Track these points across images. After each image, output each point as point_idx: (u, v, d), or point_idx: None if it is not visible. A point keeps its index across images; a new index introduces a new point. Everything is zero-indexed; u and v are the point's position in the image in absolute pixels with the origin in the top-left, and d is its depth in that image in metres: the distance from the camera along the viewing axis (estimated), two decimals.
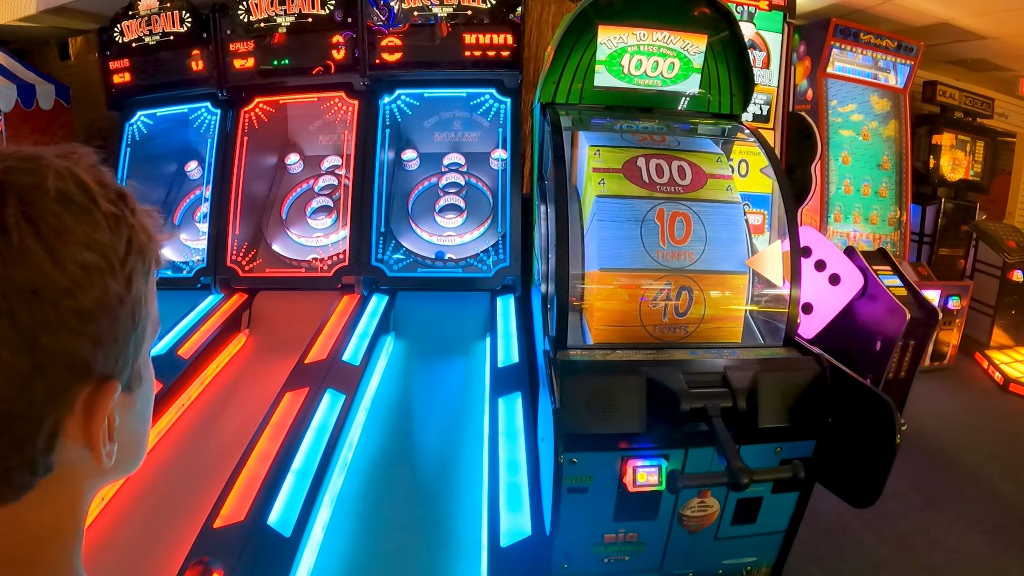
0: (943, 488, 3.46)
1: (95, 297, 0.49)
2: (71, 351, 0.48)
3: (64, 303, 0.47)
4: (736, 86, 2.61)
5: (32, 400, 0.47)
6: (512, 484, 2.04)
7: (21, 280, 0.44)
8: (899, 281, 3.66)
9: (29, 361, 0.45)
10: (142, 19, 3.83)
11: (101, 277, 0.49)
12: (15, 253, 0.44)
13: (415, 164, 3.66)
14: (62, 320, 0.47)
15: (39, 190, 0.47)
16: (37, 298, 0.45)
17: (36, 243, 0.45)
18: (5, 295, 0.44)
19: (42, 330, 0.45)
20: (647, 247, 2.15)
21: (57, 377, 0.48)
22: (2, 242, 0.44)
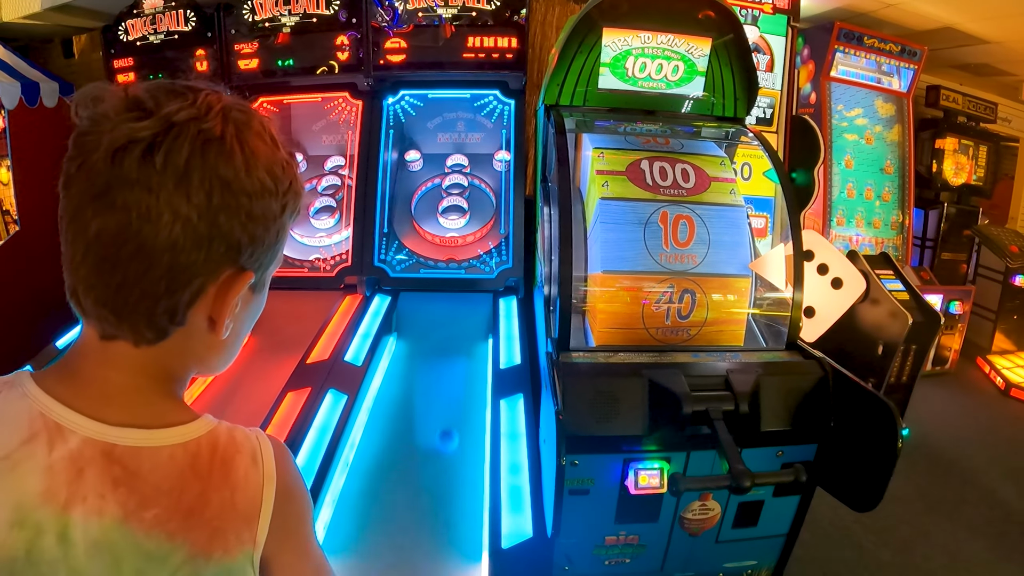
0: (944, 493, 3.46)
1: (262, 206, 0.68)
2: (234, 236, 0.66)
3: (242, 200, 0.65)
4: (740, 89, 2.61)
5: (197, 259, 0.64)
6: (514, 486, 2.04)
7: (223, 173, 0.63)
8: (901, 285, 3.66)
9: (207, 229, 0.63)
10: (147, 18, 3.84)
11: (269, 196, 0.68)
12: (225, 154, 0.63)
13: (418, 165, 3.66)
14: (237, 212, 0.65)
15: (247, 124, 0.67)
16: (228, 189, 0.64)
17: (240, 153, 0.65)
18: (210, 179, 0.62)
19: (222, 211, 0.64)
20: (650, 250, 2.15)
21: (218, 249, 0.65)
22: (220, 145, 0.63)
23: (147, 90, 0.63)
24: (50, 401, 0.64)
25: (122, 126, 0.60)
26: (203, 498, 0.65)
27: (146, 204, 0.60)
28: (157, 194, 0.60)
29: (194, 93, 0.65)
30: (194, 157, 0.61)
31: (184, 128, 0.61)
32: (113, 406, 0.66)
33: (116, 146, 0.59)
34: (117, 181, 0.60)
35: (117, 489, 0.62)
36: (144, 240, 0.61)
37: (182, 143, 0.60)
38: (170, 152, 0.60)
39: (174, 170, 0.60)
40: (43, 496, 0.60)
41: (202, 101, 0.64)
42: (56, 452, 0.62)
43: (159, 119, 0.60)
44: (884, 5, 4.48)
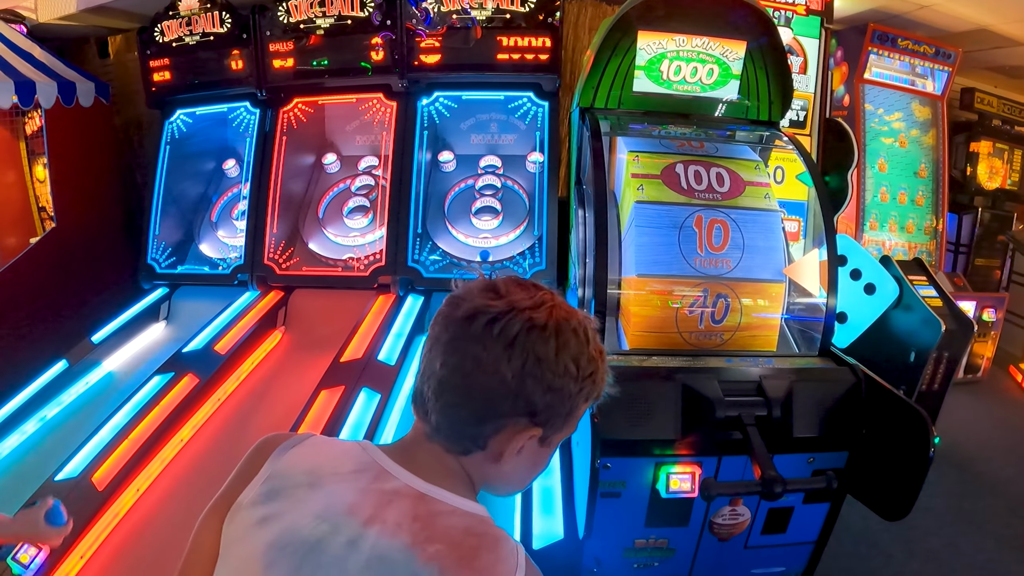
0: (974, 503, 3.41)
1: (561, 383, 0.82)
2: (534, 398, 0.81)
3: (547, 375, 0.81)
4: (775, 93, 2.60)
5: (503, 406, 0.82)
6: (545, 487, 2.06)
7: (538, 351, 0.79)
8: (934, 292, 3.60)
9: (516, 387, 0.80)
10: (182, 19, 3.89)
11: (570, 378, 0.83)
12: (543, 339, 0.80)
13: (452, 166, 3.69)
14: (541, 381, 0.80)
15: (567, 322, 0.83)
16: (538, 363, 0.80)
17: (554, 341, 0.81)
18: (527, 353, 0.79)
19: (530, 377, 0.80)
20: (685, 254, 2.15)
21: (520, 404, 0.82)
22: (541, 331, 0.80)
23: (503, 279, 0.87)
24: (383, 456, 0.87)
25: (478, 301, 0.82)
26: (475, 553, 0.78)
27: (479, 356, 0.80)
28: (488, 352, 0.79)
29: (537, 290, 0.86)
30: (521, 334, 0.79)
31: (520, 313, 0.80)
32: (427, 473, 0.85)
33: (470, 312, 0.81)
34: (465, 335, 0.81)
35: (414, 523, 0.79)
36: (471, 381, 0.81)
37: (515, 322, 0.80)
38: (506, 327, 0.79)
39: (504, 339, 0.79)
40: (350, 507, 0.80)
41: (539, 297, 0.84)
42: (375, 484, 0.82)
43: (506, 302, 0.82)
44: (918, 6, 4.42)
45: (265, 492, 0.83)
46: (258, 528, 0.80)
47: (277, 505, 0.82)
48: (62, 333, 3.44)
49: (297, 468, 0.86)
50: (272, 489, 0.83)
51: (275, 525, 0.79)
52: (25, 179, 4.81)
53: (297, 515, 0.80)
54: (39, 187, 4.73)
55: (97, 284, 4.35)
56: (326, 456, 0.88)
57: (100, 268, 4.48)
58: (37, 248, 4.14)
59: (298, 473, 0.85)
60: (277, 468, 0.86)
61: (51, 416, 2.90)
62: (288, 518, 0.80)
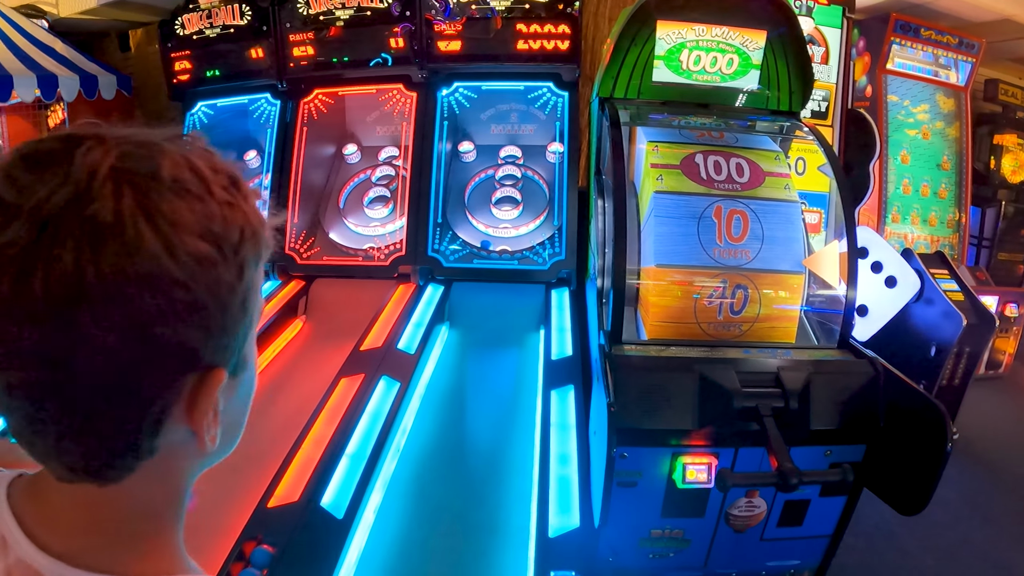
0: (991, 500, 3.39)
1: (208, 288, 0.48)
2: (182, 341, 0.48)
3: (177, 294, 0.46)
4: (795, 83, 2.58)
5: (141, 387, 0.47)
6: (562, 476, 2.06)
7: (137, 272, 0.43)
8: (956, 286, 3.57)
9: (141, 350, 0.45)
10: (203, 12, 3.92)
11: (214, 268, 0.49)
12: (131, 245, 0.43)
13: (472, 156, 3.69)
14: (175, 311, 0.46)
15: (155, 179, 0.46)
16: (151, 289, 0.44)
17: (152, 234, 0.44)
18: (120, 286, 0.43)
19: (155, 321, 0.45)
20: (704, 244, 2.15)
21: (167, 366, 0.48)
22: (118, 234, 0.43)
23: (9, 173, 0.45)
24: (5, 511, 0.55)
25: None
26: None
27: (46, 346, 0.43)
28: (53, 330, 0.43)
29: (69, 155, 0.45)
30: (85, 264, 0.42)
31: (61, 223, 0.42)
32: (58, 536, 0.53)
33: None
34: (3, 325, 0.43)
35: None
36: (62, 391, 0.45)
37: (63, 250, 0.42)
38: (49, 269, 0.42)
39: (64, 291, 0.42)
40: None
41: (80, 168, 0.44)
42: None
43: (26, 220, 0.42)
44: None
45: None
46: None
47: None
48: None
49: None
50: None
51: None
52: None
53: None
54: None
55: None
56: None
57: None
58: None
59: None
60: None
61: None
62: None
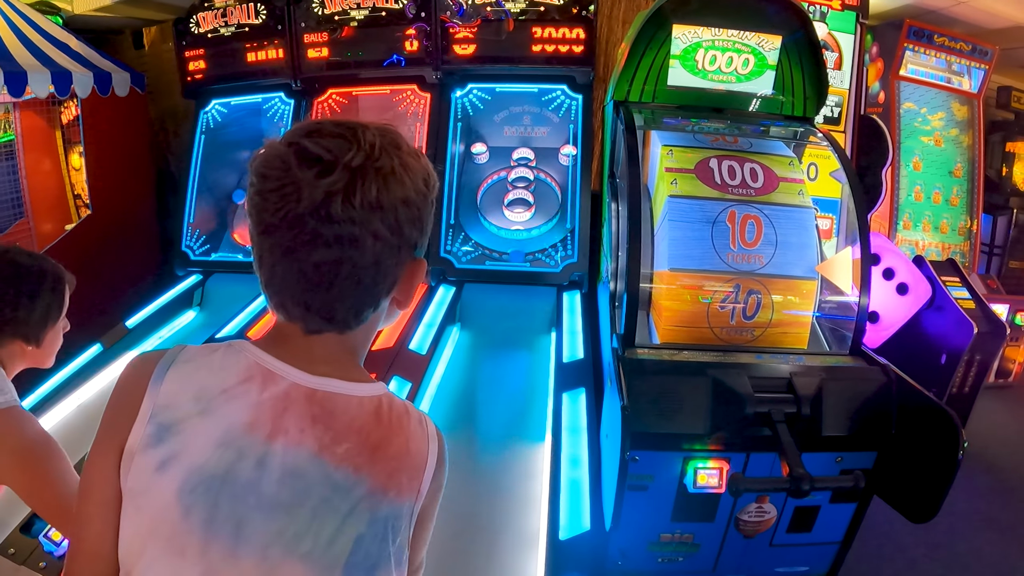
0: (1001, 510, 3.37)
1: (426, 209, 0.83)
2: (413, 237, 0.82)
3: (414, 211, 0.80)
4: (810, 88, 2.59)
5: (392, 263, 0.80)
6: (573, 479, 2.07)
7: (402, 195, 0.78)
8: (967, 293, 3.56)
9: (397, 240, 0.79)
10: (218, 11, 3.94)
11: (424, 197, 0.82)
12: (399, 182, 0.77)
13: (485, 158, 3.69)
14: (413, 220, 0.80)
15: (400, 150, 0.80)
16: (406, 205, 0.79)
17: (406, 176, 0.79)
18: (394, 204, 0.77)
19: (406, 224, 0.79)
20: (717, 249, 2.15)
21: (405, 252, 0.82)
22: (393, 176, 0.77)
23: (315, 142, 0.75)
24: (265, 355, 0.80)
25: (316, 184, 0.73)
26: (385, 440, 0.79)
27: (353, 235, 0.74)
28: (361, 226, 0.74)
29: (352, 134, 0.76)
30: (381, 192, 0.75)
31: (365, 171, 0.74)
32: (316, 364, 0.80)
33: (317, 200, 0.72)
34: (327, 225, 0.73)
35: (315, 425, 0.76)
36: (356, 262, 0.76)
37: (369, 184, 0.74)
38: (364, 194, 0.74)
39: (370, 205, 0.74)
40: (249, 426, 0.75)
41: (365, 142, 0.76)
42: (266, 392, 0.77)
43: (343, 170, 0.73)
44: (955, 2, 4.35)
45: (154, 432, 0.74)
46: (160, 475, 0.72)
47: (172, 444, 0.73)
48: (96, 318, 3.51)
49: (181, 396, 0.76)
50: (161, 427, 0.74)
51: (177, 467, 0.72)
52: (61, 167, 4.92)
53: (196, 450, 0.73)
54: (75, 175, 4.83)
55: (131, 270, 4.44)
56: (207, 373, 0.78)
57: (134, 255, 4.57)
58: (73, 235, 4.24)
59: (184, 401, 0.76)
60: (160, 400, 0.76)
61: (86, 399, 2.94)
62: (188, 456, 0.73)
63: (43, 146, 4.82)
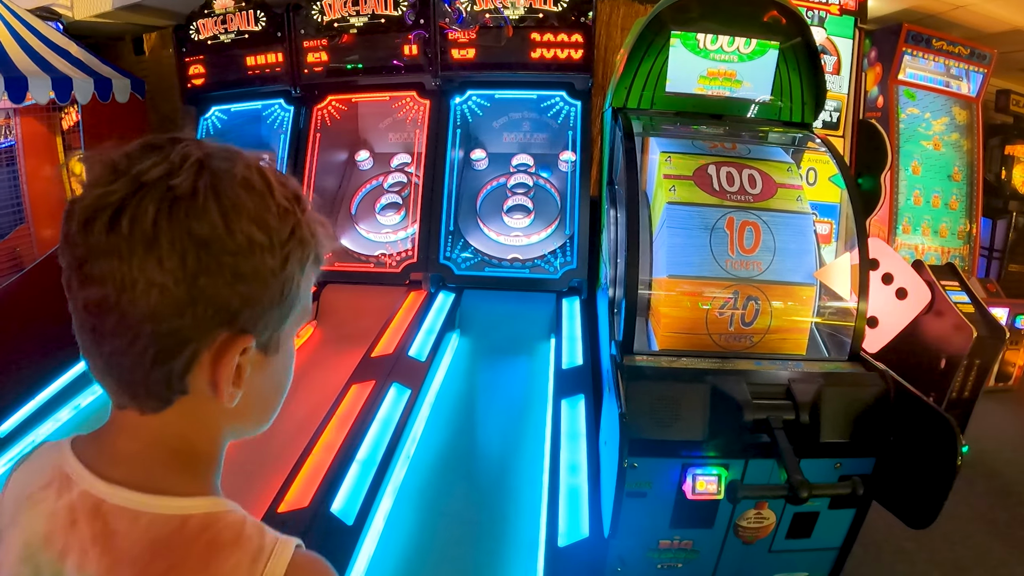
0: (1001, 515, 3.36)
1: (252, 264, 0.60)
2: (221, 298, 0.59)
3: (226, 260, 0.58)
4: (808, 94, 2.59)
5: (182, 325, 0.58)
6: (572, 486, 2.06)
7: (197, 232, 0.56)
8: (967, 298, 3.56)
9: (187, 294, 0.57)
10: (217, 18, 3.95)
11: (261, 251, 0.60)
12: (198, 212, 0.56)
13: (484, 164, 3.71)
14: (220, 272, 0.58)
15: (228, 173, 0.59)
16: (205, 249, 0.57)
17: (216, 209, 0.57)
18: (182, 240, 0.56)
19: (203, 274, 0.57)
20: (716, 256, 2.15)
21: (205, 314, 0.59)
22: (191, 201, 0.56)
23: (129, 150, 0.59)
24: (69, 455, 0.66)
25: (95, 189, 0.57)
26: (168, 570, 0.60)
27: (120, 273, 0.56)
28: (128, 262, 0.55)
29: (172, 146, 0.59)
30: (161, 218, 0.55)
31: (152, 187, 0.56)
32: (116, 466, 0.64)
33: (86, 215, 0.56)
34: (92, 251, 0.56)
35: (95, 547, 0.61)
36: (124, 310, 0.57)
37: (147, 204, 0.55)
38: (135, 216, 0.55)
39: (142, 235, 0.55)
40: (45, 539, 0.64)
41: (177, 154, 0.58)
42: (61, 500, 0.64)
43: (128, 180, 0.56)
44: (953, 7, 4.35)
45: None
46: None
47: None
48: None
49: (9, 499, 0.68)
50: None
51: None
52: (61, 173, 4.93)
53: (7, 565, 0.64)
54: (75, 181, 4.83)
55: None
56: (27, 475, 0.69)
57: None
58: None
59: (8, 505, 0.68)
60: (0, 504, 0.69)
61: (85, 404, 2.93)
62: (1, 570, 0.64)
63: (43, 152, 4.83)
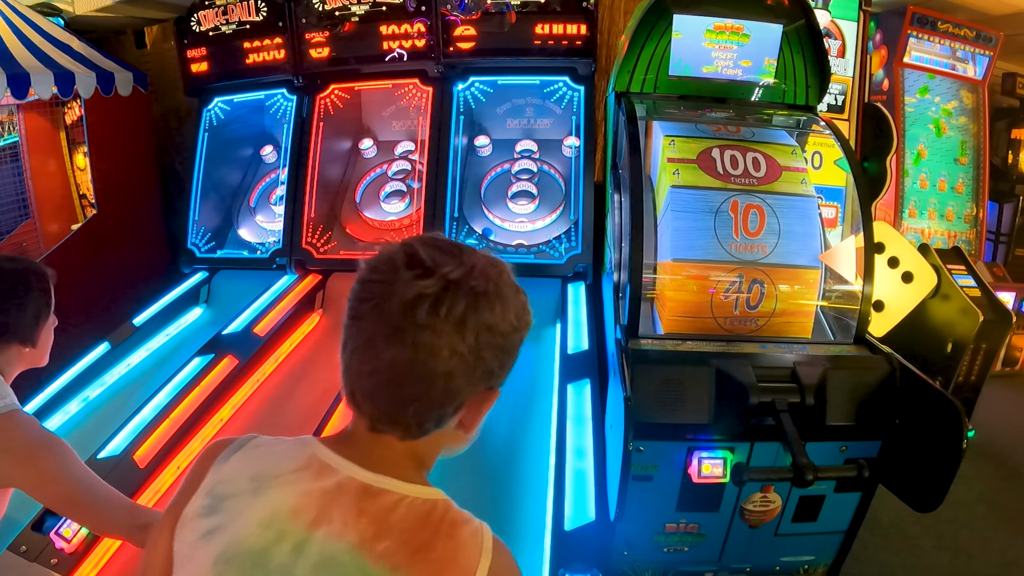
0: (1008, 499, 3.37)
1: (511, 341, 0.84)
2: (491, 365, 0.82)
3: (498, 340, 0.81)
4: (812, 77, 2.58)
5: (463, 383, 0.80)
6: (578, 470, 2.07)
7: (487, 320, 0.79)
8: (973, 281, 3.54)
9: (474, 362, 0.79)
10: (219, 9, 3.93)
11: (515, 332, 0.84)
12: (488, 306, 0.79)
13: (488, 150, 3.69)
14: (495, 347, 0.81)
15: (501, 279, 0.82)
16: (490, 332, 0.79)
17: (498, 303, 0.80)
18: (478, 325, 0.78)
19: (486, 348, 0.79)
20: (720, 239, 2.15)
21: (479, 376, 0.81)
22: (485, 299, 0.79)
23: (423, 249, 0.80)
24: (326, 450, 0.83)
25: (412, 284, 0.76)
26: (429, 544, 0.77)
27: (432, 343, 0.76)
28: (440, 336, 0.76)
29: (459, 253, 0.82)
30: (469, 310, 0.77)
31: (459, 286, 0.77)
32: (375, 461, 0.82)
33: (407, 299, 0.76)
34: (410, 325, 0.76)
35: (360, 519, 0.77)
36: (429, 369, 0.77)
37: (459, 299, 0.77)
38: (451, 306, 0.76)
39: (453, 319, 0.76)
40: (294, 511, 0.77)
41: (468, 261, 0.81)
42: (318, 483, 0.79)
43: (439, 278, 0.77)
44: None
45: (208, 504, 0.81)
46: (204, 543, 0.78)
47: (220, 517, 0.79)
48: (104, 316, 3.51)
49: (240, 475, 0.83)
50: (215, 500, 0.81)
51: (220, 538, 0.78)
52: (66, 168, 4.93)
53: (241, 525, 0.78)
54: (80, 175, 4.83)
55: (137, 269, 4.45)
56: (268, 458, 0.84)
57: (140, 253, 4.58)
58: (79, 234, 4.24)
59: (241, 480, 0.82)
60: (220, 476, 0.83)
61: (94, 396, 2.95)
62: (232, 529, 0.78)
63: (47, 147, 4.83)
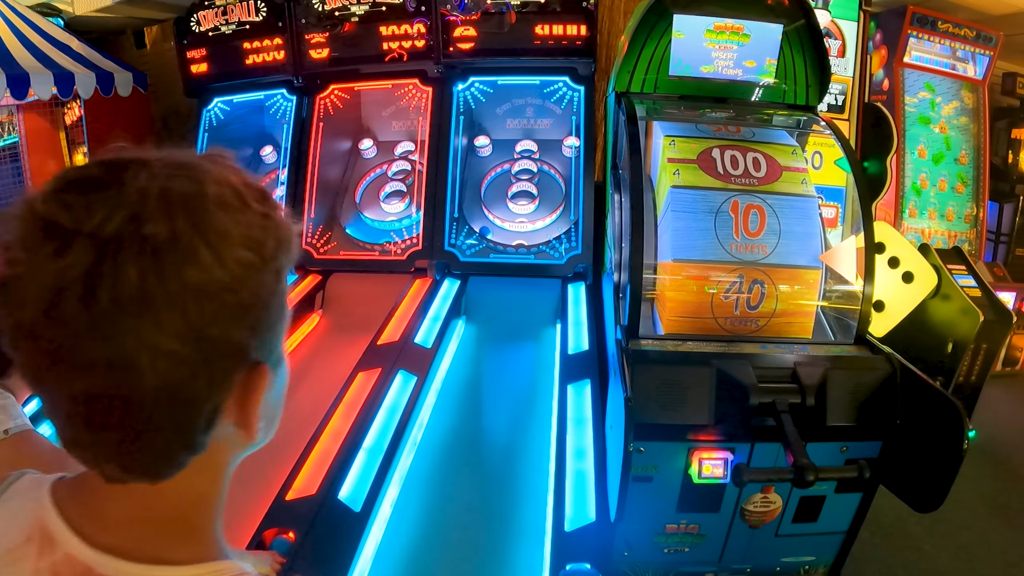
0: (1008, 499, 3.36)
1: (252, 291, 0.53)
2: (233, 340, 0.53)
3: (227, 298, 0.51)
4: (812, 77, 2.58)
5: (198, 386, 0.52)
6: (579, 470, 2.07)
7: (192, 280, 0.48)
8: (974, 281, 3.53)
9: (198, 351, 0.50)
10: (218, 9, 3.94)
11: (257, 273, 0.54)
12: (186, 257, 0.48)
13: (488, 151, 3.70)
14: (226, 313, 0.51)
15: (200, 197, 0.51)
16: (205, 295, 0.49)
17: (204, 247, 0.49)
18: (179, 294, 0.48)
19: (210, 323, 0.50)
20: (720, 239, 2.15)
21: (221, 365, 0.53)
22: (176, 248, 0.48)
23: (58, 201, 0.48)
24: (50, 509, 0.59)
25: (44, 269, 0.46)
26: None
27: (113, 354, 0.47)
28: (121, 339, 0.47)
29: (118, 180, 0.49)
30: (148, 277, 0.46)
31: (121, 244, 0.46)
32: (107, 528, 0.58)
33: (46, 301, 0.46)
34: (67, 340, 0.47)
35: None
36: (130, 393, 0.49)
37: (126, 268, 0.46)
38: (115, 285, 0.46)
39: (129, 303, 0.46)
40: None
41: (132, 191, 0.48)
42: (43, 560, 0.57)
43: (85, 245, 0.46)
44: None
45: None
46: None
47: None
48: None
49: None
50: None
51: None
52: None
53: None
54: None
55: None
56: (4, 523, 0.61)
57: None
58: None
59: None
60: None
61: None
62: None
63: (47, 148, 4.84)
